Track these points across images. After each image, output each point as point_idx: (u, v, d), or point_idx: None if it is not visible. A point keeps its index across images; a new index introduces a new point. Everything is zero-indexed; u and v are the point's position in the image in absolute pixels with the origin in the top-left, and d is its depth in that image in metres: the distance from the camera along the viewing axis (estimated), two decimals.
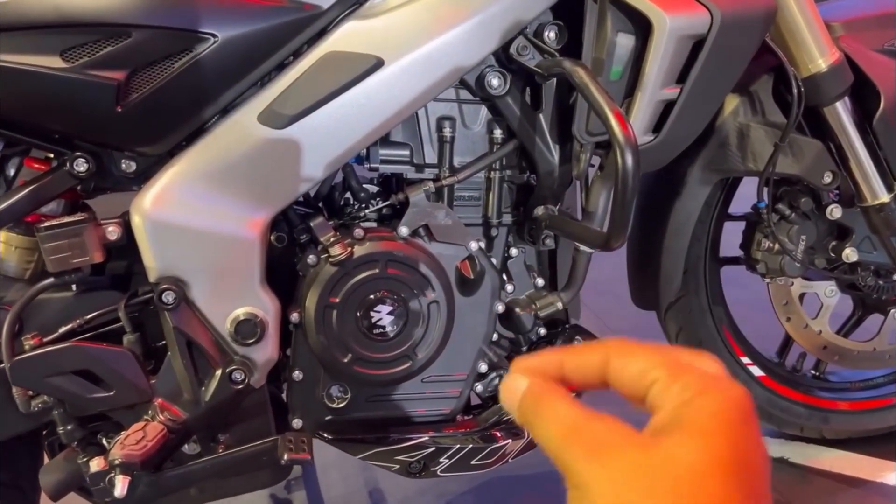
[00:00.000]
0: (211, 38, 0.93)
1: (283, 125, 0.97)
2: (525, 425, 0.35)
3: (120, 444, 0.90)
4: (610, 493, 0.30)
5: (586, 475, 0.31)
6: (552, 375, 0.36)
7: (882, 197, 1.26)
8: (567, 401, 0.34)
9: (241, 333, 1.00)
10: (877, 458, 1.53)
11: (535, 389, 0.35)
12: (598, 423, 0.32)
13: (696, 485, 0.29)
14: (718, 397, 0.31)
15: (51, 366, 0.96)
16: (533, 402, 0.35)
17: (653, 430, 0.32)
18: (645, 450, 0.30)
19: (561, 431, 0.33)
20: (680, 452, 0.30)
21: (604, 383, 0.35)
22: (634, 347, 0.35)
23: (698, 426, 0.30)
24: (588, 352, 0.36)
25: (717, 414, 0.31)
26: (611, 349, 0.35)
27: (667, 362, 0.33)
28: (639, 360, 0.34)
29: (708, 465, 0.29)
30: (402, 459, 1.11)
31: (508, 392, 0.36)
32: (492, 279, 1.12)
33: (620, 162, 0.91)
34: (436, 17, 0.99)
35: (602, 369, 0.35)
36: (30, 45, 0.90)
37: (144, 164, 0.99)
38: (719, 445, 0.30)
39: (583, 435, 0.32)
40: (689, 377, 0.32)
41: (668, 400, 0.32)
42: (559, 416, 0.33)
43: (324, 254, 1.04)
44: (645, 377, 0.33)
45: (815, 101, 1.20)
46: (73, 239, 0.94)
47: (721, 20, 0.98)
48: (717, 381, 0.32)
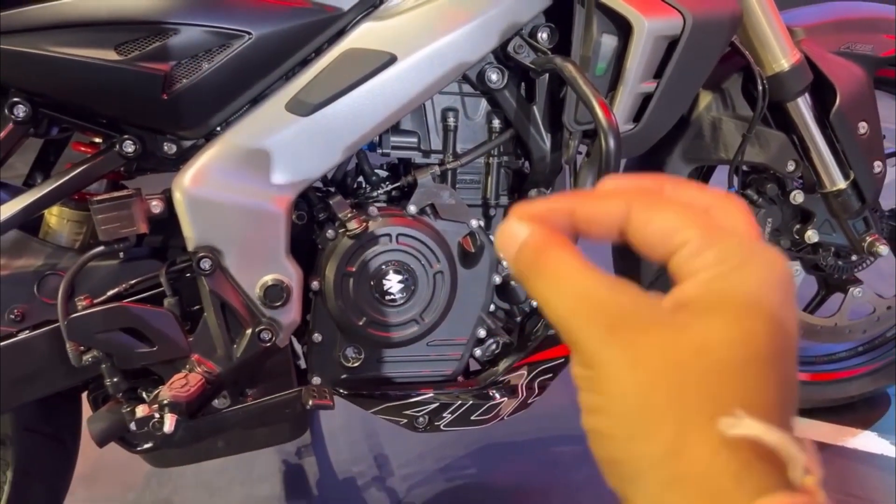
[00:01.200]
0: (246, 35, 1.05)
1: (308, 113, 1.08)
2: (522, 280, 0.30)
3: (167, 388, 1.02)
4: (629, 379, 0.26)
5: (602, 356, 0.27)
6: (560, 224, 0.30)
7: (839, 184, 1.39)
8: (578, 259, 0.29)
9: (268, 297, 1.11)
10: (839, 424, 1.66)
11: (538, 240, 0.30)
12: (617, 292, 0.27)
13: (732, 377, 0.25)
14: (761, 272, 0.27)
15: (101, 323, 1.07)
16: (534, 255, 0.30)
17: (679, 303, 0.27)
18: (675, 331, 0.26)
19: (570, 297, 0.28)
20: (715, 339, 0.26)
21: (621, 236, 0.30)
22: (662, 200, 0.30)
23: (737, 307, 0.26)
24: (606, 200, 0.30)
25: (758, 293, 0.26)
26: (634, 199, 0.30)
27: (701, 222, 0.28)
28: (668, 215, 0.29)
29: (746, 355, 0.25)
30: (410, 414, 1.23)
31: (505, 238, 0.31)
32: (490, 254, 1.24)
33: (605, 145, 1.04)
34: (443, 18, 1.10)
35: (621, 221, 0.30)
36: (88, 40, 1.02)
37: (184, 147, 1.10)
38: (760, 333, 0.26)
39: (599, 304, 0.27)
40: (728, 244, 0.27)
41: (702, 267, 0.27)
42: (567, 276, 0.28)
43: (341, 228, 1.15)
44: (673, 237, 0.28)
45: (779, 97, 1.32)
46: (122, 211, 1.05)
47: (693, 23, 1.10)
48: (758, 251, 0.27)
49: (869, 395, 1.69)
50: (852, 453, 1.59)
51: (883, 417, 1.68)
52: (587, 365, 0.27)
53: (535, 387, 1.30)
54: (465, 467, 1.60)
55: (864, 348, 1.69)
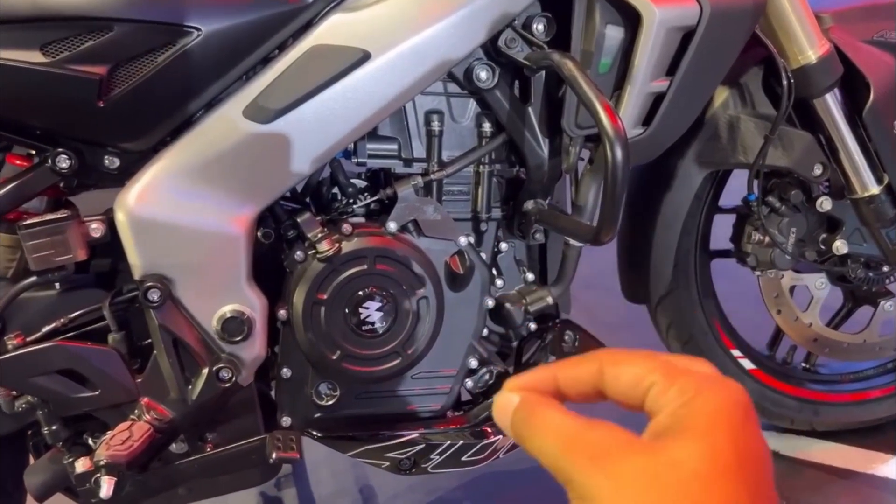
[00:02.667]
0: (195, 31, 0.93)
1: (269, 119, 0.96)
2: (519, 440, 0.34)
3: (105, 445, 0.89)
4: (617, 501, 0.30)
5: (591, 485, 0.30)
6: (547, 390, 0.36)
7: (872, 189, 1.27)
8: (561, 411, 0.34)
9: (227, 331, 0.99)
10: (867, 449, 1.54)
11: (527, 402, 0.35)
12: (597, 431, 0.32)
13: (703, 488, 0.29)
14: (716, 397, 0.31)
15: (34, 365, 0.95)
16: (525, 416, 0.34)
17: (653, 434, 0.32)
18: (649, 455, 0.30)
19: (558, 442, 0.32)
20: (684, 455, 0.30)
21: (600, 394, 0.35)
22: (627, 355, 0.35)
23: (700, 428, 0.30)
24: (581, 364, 0.36)
25: (717, 413, 0.31)
26: (604, 359, 0.35)
27: (661, 367, 0.33)
28: (633, 367, 0.34)
29: (713, 467, 0.29)
30: (392, 457, 1.11)
31: (500, 409, 0.36)
32: (481, 274, 1.12)
33: (610, 155, 0.91)
34: (423, 9, 0.98)
35: (597, 380, 0.35)
36: (8, 39, 0.89)
37: (128, 161, 0.98)
38: (723, 445, 0.30)
39: (582, 444, 0.32)
40: (685, 379, 0.32)
41: (666, 403, 0.32)
42: (554, 426, 0.33)
43: (311, 250, 1.03)
44: (641, 383, 0.33)
45: (805, 93, 1.20)
46: (55, 237, 0.93)
47: (711, 12, 0.99)
48: (713, 381, 0.32)
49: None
50: (881, 482, 1.47)
51: None
52: (580, 497, 0.31)
53: None
54: (460, 500, 1.49)
55: (895, 365, 1.56)
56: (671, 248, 1.38)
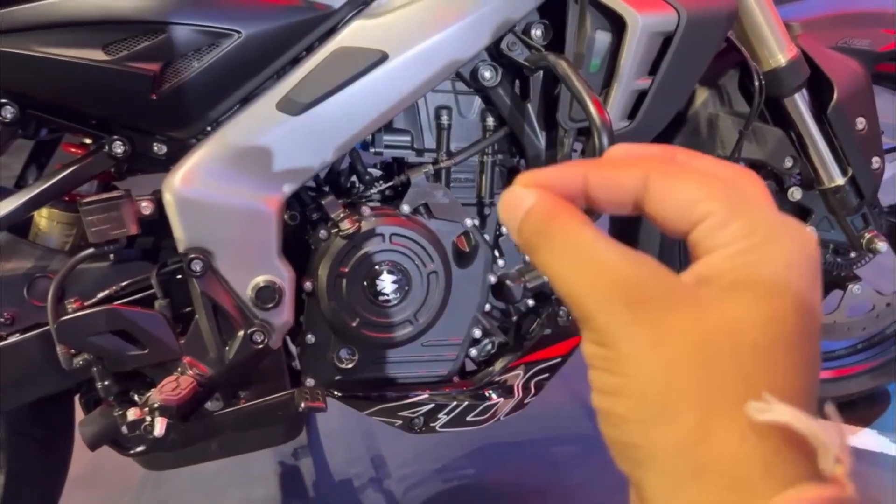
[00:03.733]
0: (235, 34, 1.04)
1: (299, 112, 1.07)
2: (528, 250, 0.28)
3: (158, 391, 1.01)
4: (651, 360, 0.24)
5: (622, 336, 0.25)
6: (571, 193, 0.29)
7: (837, 180, 1.37)
8: (589, 227, 0.27)
9: (260, 298, 1.10)
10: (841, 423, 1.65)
11: (545, 207, 0.28)
12: (636, 265, 0.26)
13: (760, 359, 0.24)
14: (790, 249, 0.26)
15: (91, 326, 1.06)
16: (542, 224, 0.28)
17: (704, 278, 0.26)
18: (699, 309, 0.25)
19: (584, 268, 0.26)
20: (744, 319, 0.24)
21: (637, 207, 0.28)
22: (683, 169, 0.28)
23: (766, 285, 0.25)
24: (622, 167, 0.29)
25: (787, 272, 0.25)
26: (652, 168, 0.28)
27: (725, 193, 0.27)
28: (689, 185, 0.27)
29: (775, 338, 0.24)
30: (405, 415, 1.22)
31: (508, 205, 0.29)
32: (485, 253, 1.24)
33: (598, 143, 1.03)
34: (435, 16, 1.09)
35: (638, 190, 0.28)
36: (76, 40, 1.01)
37: (174, 148, 1.09)
38: (789, 313, 0.25)
39: (617, 278, 0.25)
40: (755, 217, 0.26)
41: (726, 242, 0.26)
42: (580, 246, 0.26)
43: (334, 228, 1.14)
44: (696, 208, 0.26)
45: (776, 92, 1.30)
46: (112, 213, 1.04)
47: (687, 19, 1.09)
48: (786, 226, 0.26)
49: (869, 393, 1.68)
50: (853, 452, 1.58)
51: (883, 415, 1.67)
52: (602, 343, 0.26)
53: (531, 387, 1.29)
54: (463, 468, 1.60)
55: (864, 345, 1.68)
56: (657, 235, 1.49)
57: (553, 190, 0.29)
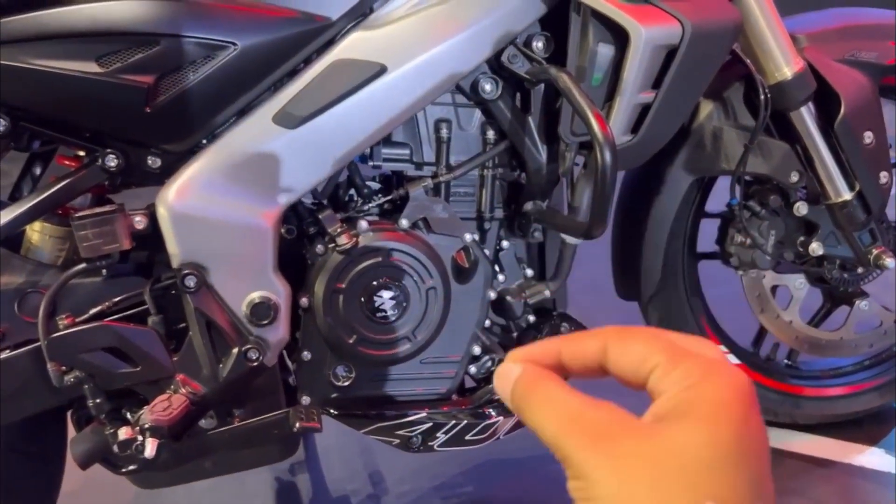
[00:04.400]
0: (231, 46, 1.02)
1: (295, 125, 1.05)
2: (518, 413, 0.34)
3: (149, 411, 0.99)
4: (615, 483, 0.29)
5: (589, 466, 0.30)
6: (549, 364, 0.35)
7: (844, 195, 1.35)
8: (562, 387, 0.33)
9: (255, 315, 1.08)
10: (844, 441, 1.62)
11: (528, 375, 0.34)
12: (597, 410, 0.31)
13: (703, 473, 0.28)
14: (721, 383, 0.30)
15: (83, 343, 1.04)
16: (525, 389, 0.34)
17: (654, 417, 0.31)
18: (649, 438, 0.29)
19: (558, 419, 0.32)
20: (685, 440, 0.29)
21: (602, 370, 0.34)
22: (633, 333, 0.34)
23: (703, 413, 0.29)
24: (586, 339, 0.35)
25: (721, 400, 0.30)
26: (609, 335, 0.34)
27: (667, 348, 0.32)
28: (638, 345, 0.33)
29: (715, 453, 0.29)
30: (403, 434, 1.19)
31: (501, 379, 0.35)
32: (485, 269, 1.22)
33: (600, 159, 1.01)
34: (435, 28, 1.08)
35: (600, 356, 0.34)
36: (69, 52, 0.99)
37: (169, 161, 1.08)
38: (725, 432, 0.29)
39: (582, 423, 0.31)
40: (691, 362, 0.31)
41: (670, 385, 0.31)
42: (555, 402, 0.32)
43: (331, 243, 1.12)
44: (645, 363, 0.32)
45: (782, 106, 1.28)
46: (104, 227, 1.02)
47: (692, 31, 1.07)
48: (718, 367, 0.31)
49: (875, 411, 1.65)
50: (857, 470, 1.55)
51: (889, 434, 1.64)
52: (578, 476, 0.30)
53: None
54: (462, 485, 1.57)
55: (871, 362, 1.65)
56: (660, 249, 1.47)
57: (536, 362, 0.35)
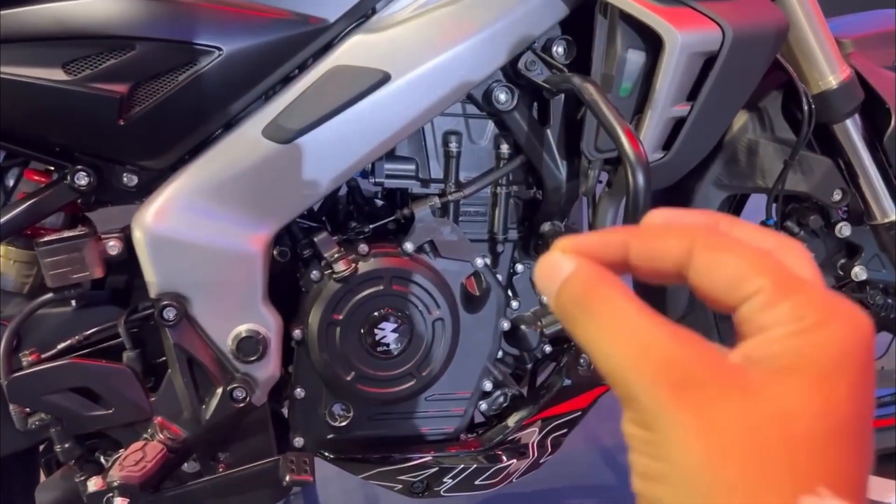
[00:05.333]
0: (215, 51, 0.92)
1: (288, 139, 0.96)
2: (566, 321, 0.28)
3: (119, 465, 0.88)
4: (698, 448, 0.24)
5: (667, 420, 0.24)
6: (612, 261, 0.28)
7: (892, 215, 1.24)
8: (634, 301, 0.26)
9: (242, 351, 0.98)
10: (881, 477, 1.51)
11: (586, 276, 0.27)
12: (685, 344, 0.25)
13: (812, 451, 0.24)
14: (844, 331, 0.25)
15: (49, 383, 0.94)
16: (582, 294, 0.27)
17: (752, 360, 0.25)
18: (752, 397, 0.24)
19: (627, 345, 0.26)
20: (797, 406, 0.24)
21: (680, 278, 0.28)
22: (730, 242, 0.27)
23: (819, 372, 0.24)
24: (666, 236, 0.28)
25: (844, 356, 0.25)
26: (699, 237, 0.27)
27: (774, 270, 0.26)
28: (736, 259, 0.26)
29: (830, 425, 0.24)
30: (405, 479, 1.09)
31: (547, 271, 0.28)
32: (497, 296, 1.11)
33: (632, 180, 0.90)
34: (443, 31, 0.98)
35: (683, 261, 0.27)
36: (31, 56, 0.89)
37: (146, 178, 0.98)
38: (843, 402, 0.24)
39: (664, 358, 0.25)
40: (805, 296, 0.25)
41: (776, 322, 0.25)
42: (623, 321, 0.26)
43: (327, 269, 1.02)
44: (743, 284, 0.26)
45: (826, 118, 1.18)
46: (72, 254, 0.93)
47: (733, 37, 0.97)
48: (839, 308, 0.25)
49: None
50: None
51: None
52: (646, 426, 0.25)
53: (547, 444, 1.16)
54: None
55: None
56: None
57: (593, 257, 0.28)
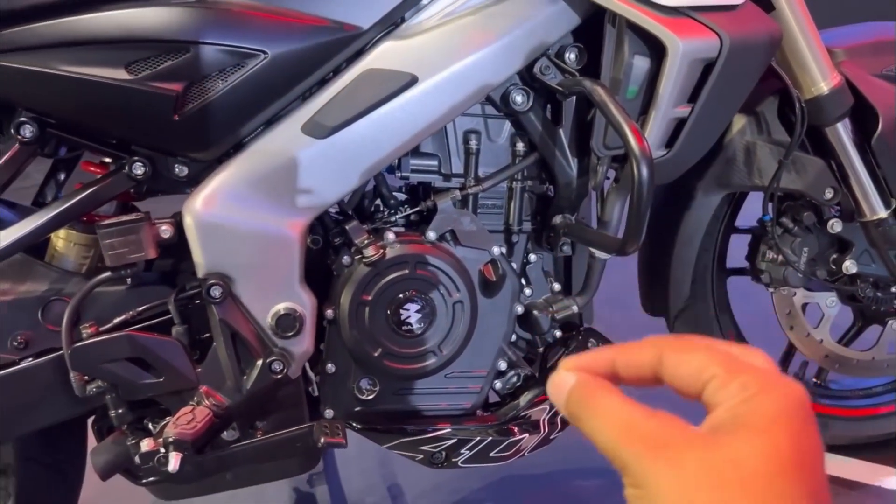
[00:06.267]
0: (261, 54, 1.01)
1: (325, 135, 1.04)
2: (573, 420, 0.34)
3: (173, 424, 0.97)
4: (677, 493, 0.29)
5: (650, 475, 0.30)
6: (603, 373, 0.35)
7: (880, 213, 1.32)
8: (618, 396, 0.33)
9: (281, 327, 1.06)
10: (875, 463, 1.58)
11: (584, 384, 0.34)
12: (656, 420, 0.32)
13: (763, 485, 0.29)
14: (778, 395, 0.31)
15: (106, 353, 1.03)
16: (581, 397, 0.34)
17: (711, 428, 0.31)
18: (710, 449, 0.30)
19: (616, 428, 0.32)
20: (745, 453, 0.29)
21: (657, 380, 0.35)
22: (690, 344, 0.34)
23: (761, 424, 0.30)
24: (641, 349, 0.35)
25: (779, 413, 0.30)
26: (665, 346, 0.34)
27: (724, 360, 0.32)
28: (694, 357, 0.33)
29: (773, 465, 0.29)
30: (426, 450, 1.17)
31: (556, 387, 0.35)
32: (512, 282, 1.20)
33: (637, 173, 0.99)
34: (466, 38, 1.06)
35: (655, 366, 0.34)
36: (98, 58, 0.98)
37: (196, 169, 1.07)
38: (784, 444, 0.29)
39: (641, 432, 0.31)
40: (748, 375, 0.32)
41: (727, 398, 0.31)
42: (612, 411, 0.33)
43: (357, 255, 1.11)
44: (701, 374, 0.32)
45: (818, 121, 1.26)
46: (130, 236, 1.01)
47: (730, 45, 1.04)
48: (774, 379, 0.31)
49: None
50: (886, 493, 1.52)
51: None
52: (637, 485, 0.31)
53: (557, 422, 1.24)
54: (483, 500, 1.55)
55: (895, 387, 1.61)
56: (690, 264, 1.45)
57: (589, 371, 0.35)
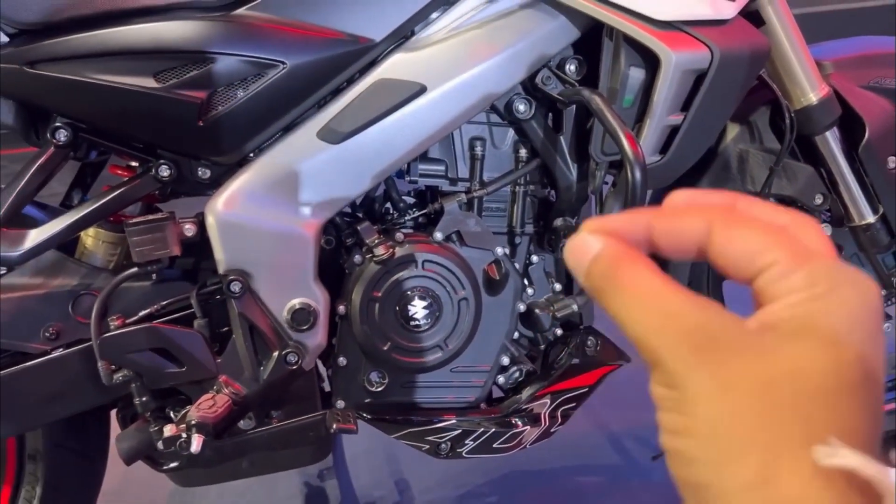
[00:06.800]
0: (281, 65, 1.08)
1: (339, 141, 1.11)
2: (597, 295, 0.29)
3: (195, 408, 1.04)
4: (718, 403, 0.25)
5: (689, 379, 0.26)
6: (636, 239, 0.30)
7: (868, 218, 1.37)
8: (657, 273, 0.28)
9: (296, 320, 1.13)
10: None
11: (613, 253, 0.29)
12: (703, 311, 0.27)
13: (824, 404, 0.25)
14: (853, 296, 0.26)
15: (132, 343, 1.09)
16: (610, 269, 0.29)
17: (768, 325, 0.26)
18: (766, 357, 0.26)
19: (652, 313, 0.27)
20: (808, 365, 0.25)
21: (700, 253, 0.29)
22: (747, 219, 0.29)
23: (829, 334, 0.26)
24: (686, 216, 0.30)
25: (853, 322, 0.26)
26: (716, 218, 0.29)
27: (789, 243, 0.28)
28: (751, 235, 0.28)
29: (839, 382, 0.25)
30: (432, 440, 1.23)
31: (575, 253, 0.30)
32: (515, 282, 1.26)
33: (631, 178, 1.05)
34: (473, 50, 1.13)
35: (702, 238, 0.29)
36: (129, 68, 1.06)
37: (218, 172, 1.13)
38: (852, 362, 0.25)
39: (683, 323, 0.26)
40: (818, 265, 0.27)
41: (789, 290, 0.27)
42: (648, 292, 0.27)
43: (368, 254, 1.17)
44: (760, 256, 0.28)
45: (807, 130, 1.31)
46: (156, 234, 1.08)
47: (720, 57, 1.10)
48: (849, 276, 0.27)
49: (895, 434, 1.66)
50: None
51: None
52: (671, 385, 0.27)
53: (558, 416, 1.29)
54: (486, 495, 1.60)
55: (892, 385, 1.66)
56: (685, 268, 1.50)
57: (619, 236, 0.29)
